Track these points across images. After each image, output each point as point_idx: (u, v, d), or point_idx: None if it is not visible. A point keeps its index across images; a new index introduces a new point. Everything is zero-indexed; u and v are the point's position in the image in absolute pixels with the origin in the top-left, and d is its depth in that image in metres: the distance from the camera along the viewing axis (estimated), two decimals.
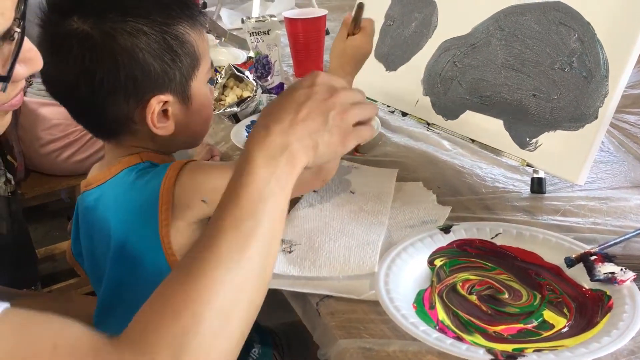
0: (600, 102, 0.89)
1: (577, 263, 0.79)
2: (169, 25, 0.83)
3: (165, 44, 0.83)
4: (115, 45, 0.81)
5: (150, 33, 0.82)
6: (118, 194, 0.88)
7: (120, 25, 0.81)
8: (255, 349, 1.05)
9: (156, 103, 0.84)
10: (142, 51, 0.81)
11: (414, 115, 1.15)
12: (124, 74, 0.82)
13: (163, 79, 0.84)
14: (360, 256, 0.82)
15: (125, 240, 0.88)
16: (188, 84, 0.87)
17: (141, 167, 0.87)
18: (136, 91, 0.83)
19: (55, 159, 1.88)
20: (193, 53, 0.86)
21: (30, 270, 1.74)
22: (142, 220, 0.85)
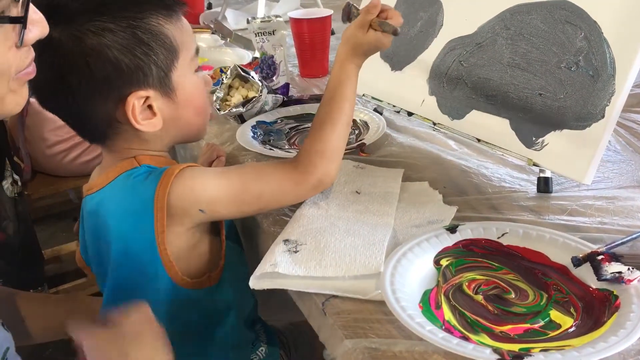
0: (607, 101, 0.89)
1: (584, 263, 0.78)
2: (138, 19, 0.82)
3: (135, 38, 0.82)
4: (82, 46, 0.80)
5: (117, 30, 0.81)
6: (116, 200, 0.88)
7: (86, 27, 0.80)
8: (262, 348, 1.05)
9: (135, 99, 0.83)
10: (110, 49, 0.81)
11: (419, 115, 1.15)
12: (97, 74, 0.81)
13: (138, 74, 0.83)
14: (366, 256, 0.82)
15: (125, 246, 0.88)
16: (168, 76, 0.86)
17: (138, 173, 0.87)
18: (112, 90, 0.83)
19: (61, 160, 1.89)
20: (170, 45, 0.85)
21: (36, 271, 1.74)
22: (139, 227, 0.85)
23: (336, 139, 0.92)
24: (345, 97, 0.93)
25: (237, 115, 1.31)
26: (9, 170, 1.65)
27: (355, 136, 1.25)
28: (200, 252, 0.91)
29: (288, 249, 0.85)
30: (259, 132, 1.28)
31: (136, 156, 0.89)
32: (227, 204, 0.88)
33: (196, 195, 0.85)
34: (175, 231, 0.86)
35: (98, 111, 0.85)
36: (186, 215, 0.86)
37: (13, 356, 0.87)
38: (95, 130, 0.89)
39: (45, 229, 2.41)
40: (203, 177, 0.87)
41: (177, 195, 0.84)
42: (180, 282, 0.88)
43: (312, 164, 0.89)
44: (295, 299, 0.84)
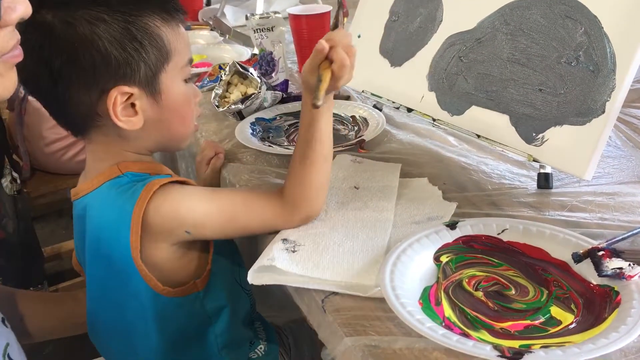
0: (607, 96, 0.88)
1: (585, 259, 0.78)
2: (135, 16, 0.82)
3: (128, 33, 0.81)
4: (73, 33, 0.80)
5: (111, 22, 0.81)
6: (98, 209, 0.87)
7: (80, 14, 0.80)
8: (261, 346, 1.05)
9: (118, 94, 0.82)
10: (102, 39, 0.80)
11: (419, 111, 1.14)
12: (83, 62, 0.81)
13: (125, 69, 0.82)
14: (364, 262, 0.82)
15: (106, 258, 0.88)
16: (156, 77, 0.85)
17: (121, 183, 0.86)
18: (97, 81, 0.82)
19: (60, 157, 1.89)
20: (162, 46, 0.84)
21: (36, 269, 1.74)
22: (118, 238, 0.85)
23: (316, 179, 0.89)
24: (316, 139, 0.88)
25: (236, 112, 1.31)
26: (8, 168, 1.65)
27: (355, 132, 1.24)
28: (185, 262, 0.90)
29: (286, 247, 0.85)
30: (258, 128, 1.27)
31: (119, 163, 0.88)
32: (214, 230, 0.88)
33: (182, 217, 0.85)
34: (159, 247, 0.86)
35: (79, 100, 0.83)
36: (170, 235, 0.86)
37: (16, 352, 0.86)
38: (74, 121, 0.88)
39: (45, 226, 2.40)
40: (190, 200, 0.86)
41: (160, 214, 0.83)
42: (162, 292, 0.88)
43: (297, 206, 0.89)
44: (294, 297, 0.84)
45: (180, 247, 0.88)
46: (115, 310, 0.92)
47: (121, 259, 0.85)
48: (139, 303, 0.89)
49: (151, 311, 0.89)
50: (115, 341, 0.97)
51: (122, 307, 0.91)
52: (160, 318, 0.90)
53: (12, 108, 1.86)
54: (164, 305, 0.89)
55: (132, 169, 0.87)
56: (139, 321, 0.91)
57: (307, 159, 0.89)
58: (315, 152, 0.89)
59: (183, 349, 0.94)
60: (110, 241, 0.86)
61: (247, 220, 0.89)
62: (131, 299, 0.89)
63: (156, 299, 0.88)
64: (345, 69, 0.84)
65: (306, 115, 0.89)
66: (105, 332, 0.97)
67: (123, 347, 0.96)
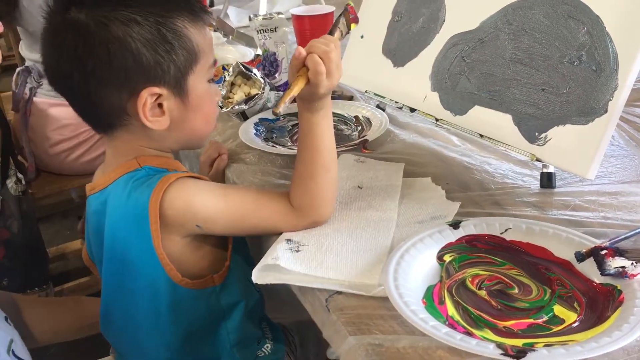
0: (610, 95, 0.88)
1: (588, 257, 0.78)
2: (165, 17, 0.83)
3: (159, 35, 0.82)
4: (107, 33, 0.81)
5: (144, 23, 0.82)
6: (116, 202, 0.88)
7: (113, 15, 0.81)
8: (268, 345, 1.06)
9: (148, 95, 0.84)
10: (135, 40, 0.81)
11: (422, 111, 1.14)
12: (116, 63, 0.82)
13: (156, 70, 0.83)
14: (368, 262, 0.82)
15: (121, 248, 0.89)
16: (184, 78, 0.86)
17: (138, 176, 0.87)
18: (128, 81, 0.83)
19: (64, 159, 1.89)
20: (191, 48, 0.86)
21: (41, 269, 1.75)
22: (136, 230, 0.86)
23: (321, 189, 0.88)
24: (315, 148, 0.88)
25: (240, 112, 1.32)
26: (13, 169, 1.66)
27: (358, 133, 1.25)
28: (201, 255, 0.92)
29: (290, 247, 0.85)
30: (262, 129, 1.28)
31: (137, 157, 0.89)
32: (223, 227, 0.89)
33: (193, 211, 0.85)
34: (172, 239, 0.87)
35: (109, 100, 0.85)
36: (182, 227, 0.87)
37: (20, 348, 0.87)
38: (102, 118, 0.89)
39: (50, 227, 2.41)
40: (203, 195, 0.87)
41: (173, 207, 0.84)
42: (180, 283, 0.89)
43: (305, 212, 0.89)
44: (298, 296, 0.84)
45: (193, 240, 0.89)
46: (131, 303, 0.93)
47: (141, 250, 0.86)
48: (155, 294, 0.90)
49: (168, 303, 0.90)
50: (128, 334, 0.98)
51: (138, 299, 0.92)
52: (176, 310, 0.91)
53: (17, 109, 1.87)
54: (181, 296, 0.90)
55: (151, 163, 0.89)
56: (154, 314, 0.92)
57: (308, 169, 0.89)
58: (315, 164, 0.88)
59: (196, 344, 0.95)
60: (129, 233, 0.87)
61: (255, 220, 0.89)
62: (148, 290, 0.90)
63: (174, 290, 0.89)
64: (319, 75, 0.83)
65: (302, 125, 0.89)
66: (118, 325, 0.98)
67: (136, 340, 0.97)
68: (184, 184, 0.86)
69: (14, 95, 1.86)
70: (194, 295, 0.91)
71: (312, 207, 0.89)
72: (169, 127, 0.87)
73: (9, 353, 0.85)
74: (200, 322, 0.94)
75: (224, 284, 0.93)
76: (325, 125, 0.89)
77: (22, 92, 1.85)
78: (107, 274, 0.93)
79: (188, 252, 0.89)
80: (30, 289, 1.69)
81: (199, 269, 0.91)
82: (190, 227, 0.87)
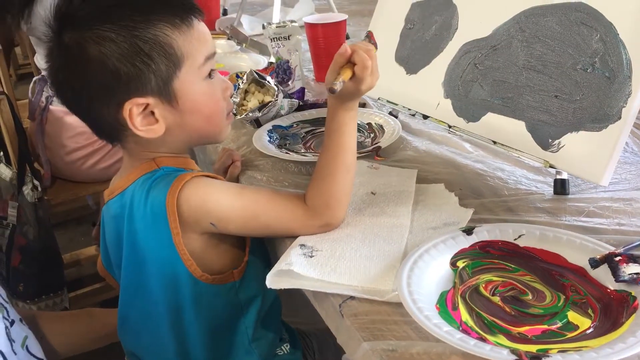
0: (623, 102, 0.88)
1: (602, 264, 0.78)
2: (142, 29, 0.83)
3: (135, 48, 0.83)
4: (84, 54, 0.83)
5: (118, 40, 0.82)
6: (136, 203, 0.89)
7: (88, 34, 0.83)
8: (288, 345, 1.07)
9: (133, 106, 0.85)
10: (111, 58, 0.82)
11: (435, 118, 1.15)
12: (96, 81, 0.84)
13: (136, 83, 0.84)
14: (381, 267, 0.83)
15: (144, 248, 0.90)
16: (168, 85, 0.86)
17: (155, 176, 0.88)
18: (111, 97, 0.85)
19: (80, 166, 1.91)
20: (172, 54, 0.85)
21: (56, 275, 1.76)
22: (157, 229, 0.87)
23: (338, 189, 0.90)
24: (341, 147, 0.90)
25: (253, 119, 1.33)
26: (29, 176, 1.68)
27: (371, 139, 1.25)
28: (219, 252, 0.93)
29: (303, 252, 0.85)
30: (275, 136, 1.28)
31: (155, 158, 0.91)
32: (237, 226, 0.89)
33: (208, 209, 0.87)
34: (190, 236, 0.88)
35: (102, 114, 0.88)
36: (198, 225, 0.88)
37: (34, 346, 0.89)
38: (105, 131, 0.92)
39: (65, 233, 2.44)
40: (218, 193, 0.88)
41: (189, 204, 0.86)
42: (201, 278, 0.90)
43: (319, 213, 0.89)
44: (312, 301, 0.85)
45: (211, 237, 0.90)
46: (151, 302, 0.94)
47: (161, 247, 0.88)
48: (177, 291, 0.91)
49: (189, 299, 0.91)
50: (148, 334, 0.99)
51: (159, 297, 0.93)
52: (197, 306, 0.92)
53: (33, 118, 1.89)
54: (201, 292, 0.91)
55: (168, 163, 0.91)
56: (175, 311, 0.93)
57: (329, 167, 0.90)
58: (337, 161, 0.90)
59: (216, 340, 0.96)
60: (149, 231, 0.88)
61: (268, 220, 0.90)
62: (169, 287, 0.91)
63: (195, 286, 0.90)
64: (366, 70, 0.85)
65: (331, 123, 0.90)
66: (138, 326, 0.99)
67: (156, 340, 0.98)
68: (199, 182, 0.87)
69: (31, 104, 1.88)
70: (214, 291, 0.92)
71: (327, 208, 0.89)
72: (168, 132, 0.88)
73: (23, 346, 0.87)
74: (220, 317, 0.95)
75: (243, 279, 0.95)
76: (352, 126, 0.91)
77: (39, 101, 1.88)
78: (126, 275, 0.94)
79: (207, 249, 0.91)
80: (45, 295, 1.71)
81: (218, 265, 0.93)
82: (205, 225, 0.88)
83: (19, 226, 1.65)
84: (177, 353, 0.96)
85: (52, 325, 1.06)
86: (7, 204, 1.65)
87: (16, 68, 4.09)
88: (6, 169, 1.68)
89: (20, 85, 3.71)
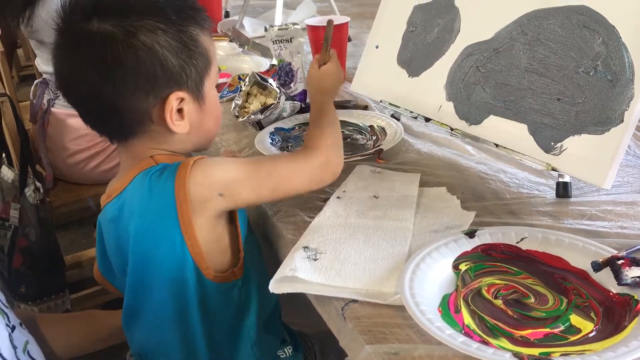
0: (626, 105, 0.88)
1: (604, 267, 0.78)
2: (183, 25, 0.87)
3: (182, 42, 0.87)
4: (136, 42, 0.84)
5: (168, 31, 0.85)
6: (136, 201, 0.89)
7: (140, 24, 0.84)
8: (290, 347, 1.07)
9: (174, 99, 0.87)
10: (162, 48, 0.85)
11: (437, 120, 1.15)
12: (145, 69, 0.85)
13: (180, 75, 0.87)
14: (384, 270, 0.83)
15: (150, 245, 0.89)
16: (202, 82, 0.90)
17: (155, 170, 0.88)
18: (156, 87, 0.86)
19: (82, 168, 1.91)
20: (205, 54, 0.90)
21: (58, 277, 1.76)
22: (163, 223, 0.87)
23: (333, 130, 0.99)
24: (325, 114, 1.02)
25: (256, 122, 1.33)
26: (32, 177, 1.68)
27: (373, 142, 1.25)
28: (222, 246, 0.93)
29: (307, 255, 0.85)
30: (277, 138, 1.29)
31: (154, 155, 0.91)
32: (244, 183, 0.90)
33: (215, 179, 0.88)
34: (198, 223, 0.88)
35: (135, 106, 0.87)
36: (206, 203, 0.87)
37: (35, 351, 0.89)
38: (123, 125, 0.90)
39: (66, 235, 2.43)
40: (222, 164, 0.91)
41: (196, 184, 0.86)
42: (209, 277, 0.90)
43: (317, 152, 0.95)
44: (314, 304, 0.85)
45: (217, 224, 0.90)
46: (157, 301, 0.94)
47: (169, 241, 0.87)
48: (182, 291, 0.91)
49: (194, 299, 0.91)
50: (154, 336, 0.99)
51: (165, 295, 0.92)
52: (202, 306, 0.92)
53: (35, 120, 1.89)
54: (206, 291, 0.91)
55: (166, 161, 0.91)
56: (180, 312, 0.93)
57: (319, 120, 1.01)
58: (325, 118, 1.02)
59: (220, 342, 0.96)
60: (156, 225, 0.88)
61: (271, 167, 0.92)
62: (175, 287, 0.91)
63: (201, 283, 0.90)
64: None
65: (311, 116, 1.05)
66: (144, 328, 0.99)
67: (162, 341, 0.98)
68: (202, 161, 0.88)
69: (32, 107, 1.88)
70: (218, 289, 0.92)
71: (323, 145, 0.96)
72: (189, 131, 0.91)
73: (24, 352, 0.87)
74: (224, 319, 0.96)
75: (244, 278, 0.95)
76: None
77: (40, 103, 1.88)
78: (132, 276, 0.94)
79: (212, 241, 0.90)
80: (47, 296, 1.70)
81: (220, 261, 0.93)
82: (214, 200, 0.87)
83: (21, 228, 1.64)
84: (184, 352, 0.96)
85: (52, 328, 1.05)
86: (9, 206, 1.65)
87: (18, 70, 4.10)
88: (8, 170, 1.67)
89: (22, 87, 3.71)
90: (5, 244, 1.65)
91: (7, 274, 1.66)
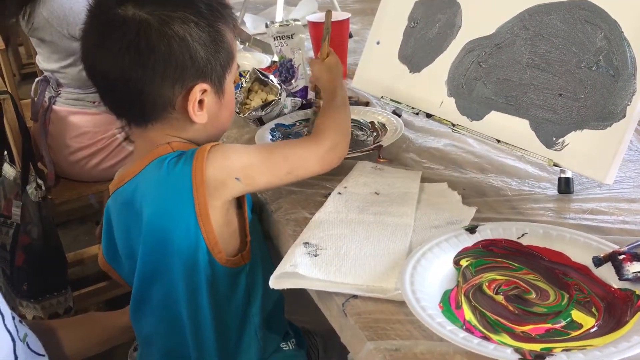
0: (628, 100, 0.88)
1: (606, 262, 0.78)
2: (212, 20, 0.90)
3: (210, 35, 0.89)
4: (170, 31, 0.86)
5: (200, 24, 0.88)
6: (151, 186, 0.91)
7: (175, 14, 0.87)
8: (294, 340, 1.07)
9: (198, 90, 0.89)
10: (193, 40, 0.88)
11: (438, 116, 1.15)
12: (175, 58, 0.87)
13: (207, 68, 0.90)
14: (385, 266, 0.82)
15: (164, 227, 0.90)
16: (224, 76, 0.93)
17: (172, 157, 0.90)
18: (183, 77, 0.89)
19: (83, 166, 1.91)
20: (230, 50, 0.93)
21: (60, 274, 1.77)
22: (179, 206, 0.89)
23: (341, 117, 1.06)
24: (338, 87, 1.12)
25: (257, 118, 1.32)
26: (33, 175, 1.68)
27: (373, 138, 1.25)
28: (232, 230, 0.94)
29: (308, 251, 0.85)
30: (278, 134, 1.28)
31: (171, 142, 0.93)
32: (261, 167, 0.93)
33: (232, 163, 0.90)
34: (213, 206, 0.90)
35: (160, 93, 0.89)
36: (223, 186, 0.90)
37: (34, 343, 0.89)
38: (146, 110, 0.91)
39: (68, 232, 2.44)
40: (238, 148, 0.95)
41: (213, 168, 0.88)
42: (221, 261, 0.92)
43: (325, 136, 1.00)
44: (315, 300, 0.85)
45: (228, 208, 0.93)
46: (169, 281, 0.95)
47: (183, 224, 0.89)
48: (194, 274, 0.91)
49: (204, 282, 0.92)
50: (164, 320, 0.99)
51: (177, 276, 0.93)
52: (212, 289, 0.93)
53: (37, 118, 1.89)
54: (216, 275, 0.92)
55: (183, 148, 0.93)
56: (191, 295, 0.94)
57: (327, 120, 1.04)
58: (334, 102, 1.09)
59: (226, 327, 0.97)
60: (172, 208, 0.89)
61: (285, 151, 0.97)
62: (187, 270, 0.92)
63: (211, 266, 0.91)
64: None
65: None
66: (154, 312, 1.00)
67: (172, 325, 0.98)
68: (219, 147, 0.91)
69: (33, 104, 1.88)
70: (227, 273, 0.94)
71: (331, 129, 1.01)
72: (205, 122, 0.93)
73: (24, 342, 0.87)
74: (231, 302, 0.97)
75: (251, 263, 0.96)
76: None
77: (42, 101, 1.88)
78: (145, 259, 0.94)
79: (223, 225, 0.92)
80: (49, 294, 1.71)
81: (231, 246, 0.95)
82: (230, 184, 0.90)
83: (22, 225, 1.65)
84: (193, 337, 0.96)
85: (54, 334, 1.06)
86: (11, 203, 1.65)
87: (20, 67, 4.10)
88: (10, 168, 1.68)
89: (23, 85, 3.72)
90: (8, 241, 1.65)
91: (9, 272, 1.67)
